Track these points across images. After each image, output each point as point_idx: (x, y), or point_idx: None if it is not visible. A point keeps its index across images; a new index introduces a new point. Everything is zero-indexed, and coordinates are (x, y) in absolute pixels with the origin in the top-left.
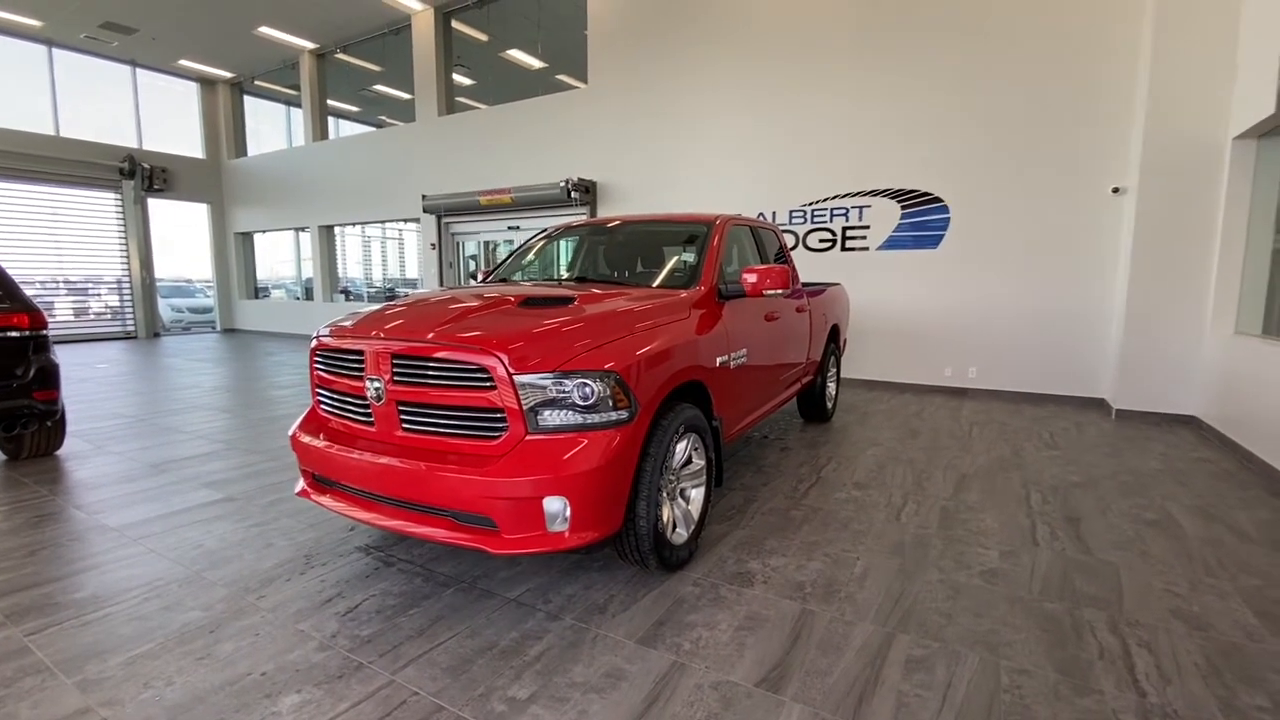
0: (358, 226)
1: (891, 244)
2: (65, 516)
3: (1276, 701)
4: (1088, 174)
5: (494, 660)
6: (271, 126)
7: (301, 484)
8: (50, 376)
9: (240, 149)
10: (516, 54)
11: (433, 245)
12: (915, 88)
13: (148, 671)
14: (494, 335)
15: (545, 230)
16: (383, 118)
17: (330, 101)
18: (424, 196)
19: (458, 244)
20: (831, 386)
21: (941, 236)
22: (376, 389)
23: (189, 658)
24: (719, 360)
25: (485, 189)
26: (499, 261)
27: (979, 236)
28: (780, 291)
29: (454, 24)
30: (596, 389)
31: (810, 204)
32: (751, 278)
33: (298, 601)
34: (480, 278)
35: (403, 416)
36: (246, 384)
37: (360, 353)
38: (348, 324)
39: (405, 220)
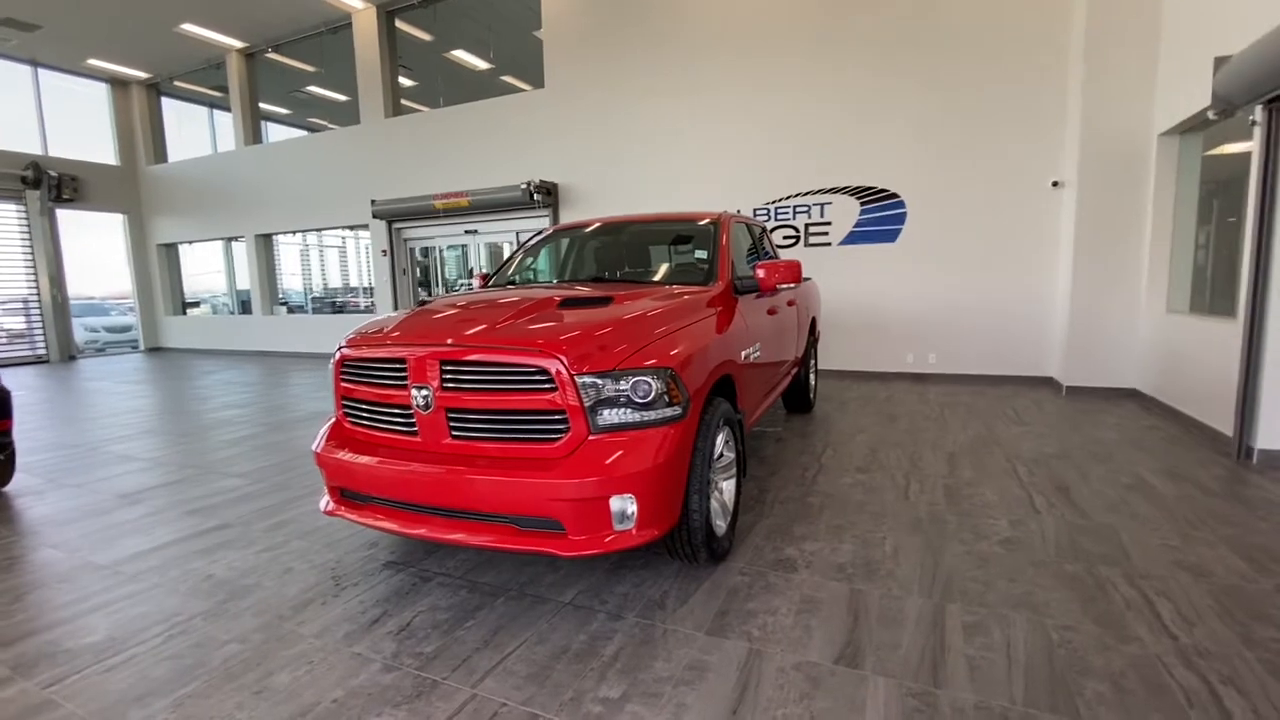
0: (297, 235)
1: (852, 239)
2: (41, 557)
3: None
4: (1030, 169)
5: (572, 663)
6: (192, 130)
7: (328, 502)
8: (3, 405)
9: (159, 154)
10: (461, 55)
11: (384, 252)
12: (870, 88)
13: (203, 712)
14: (551, 336)
15: (542, 231)
16: (314, 120)
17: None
18: (373, 201)
19: (410, 250)
20: (812, 377)
21: (899, 230)
22: (425, 397)
23: (244, 692)
24: (743, 355)
25: (440, 193)
26: (499, 265)
27: (933, 230)
28: (790, 285)
29: (398, 23)
30: (654, 386)
31: (773, 201)
32: (763, 272)
33: (342, 625)
34: (478, 282)
35: (452, 424)
36: (193, 405)
37: (402, 361)
38: (383, 332)
39: (352, 227)
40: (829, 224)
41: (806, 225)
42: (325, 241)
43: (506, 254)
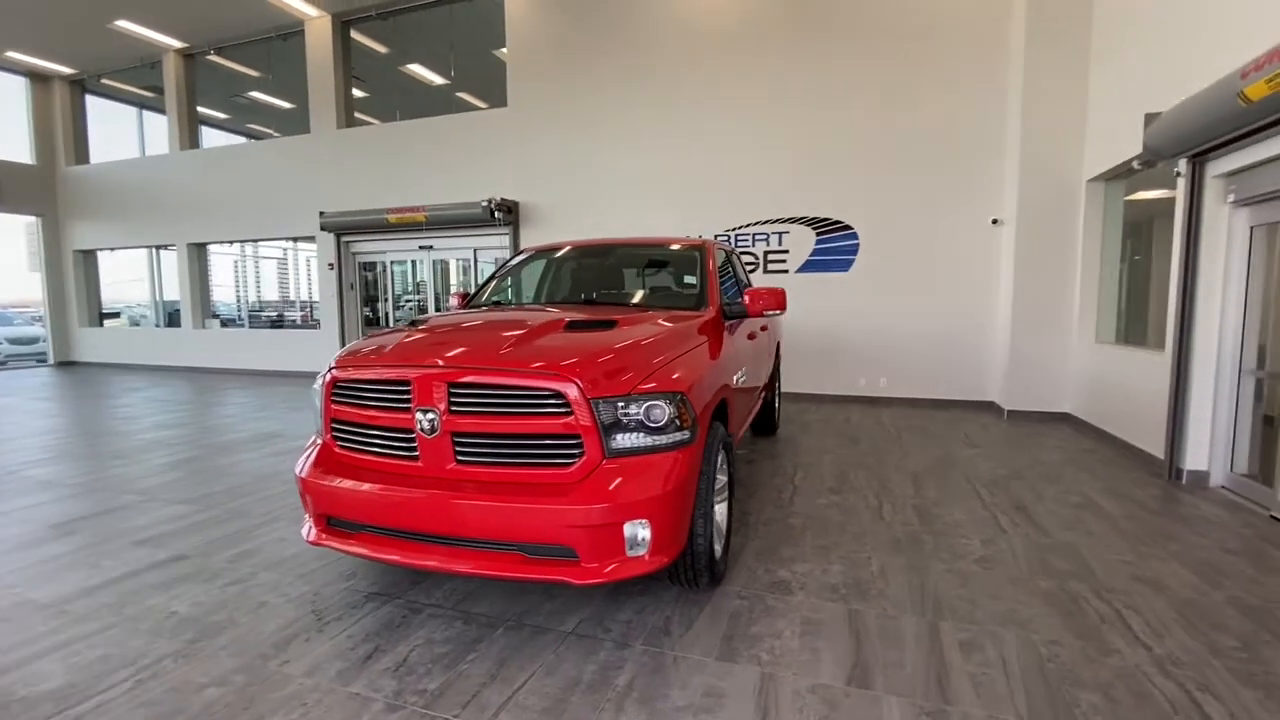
0: (231, 245)
1: (808, 267)
2: None
3: (1243, 641)
4: (972, 207)
5: (586, 695)
6: (113, 130)
7: (312, 530)
8: None
9: (81, 155)
10: (417, 69)
11: (331, 265)
12: (826, 125)
13: None
14: (565, 360)
15: (523, 251)
16: (254, 126)
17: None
18: (322, 213)
19: (359, 264)
20: (776, 400)
21: (852, 260)
22: (431, 420)
23: None
24: (734, 379)
25: (394, 207)
26: (481, 285)
27: (884, 261)
28: (776, 311)
29: (353, 34)
30: (667, 410)
31: (734, 229)
32: (750, 299)
33: (333, 662)
34: (456, 302)
35: (458, 448)
36: (120, 425)
37: (405, 383)
38: (381, 352)
39: (296, 239)
40: (786, 252)
41: (765, 253)
42: (262, 252)
43: (454, 271)
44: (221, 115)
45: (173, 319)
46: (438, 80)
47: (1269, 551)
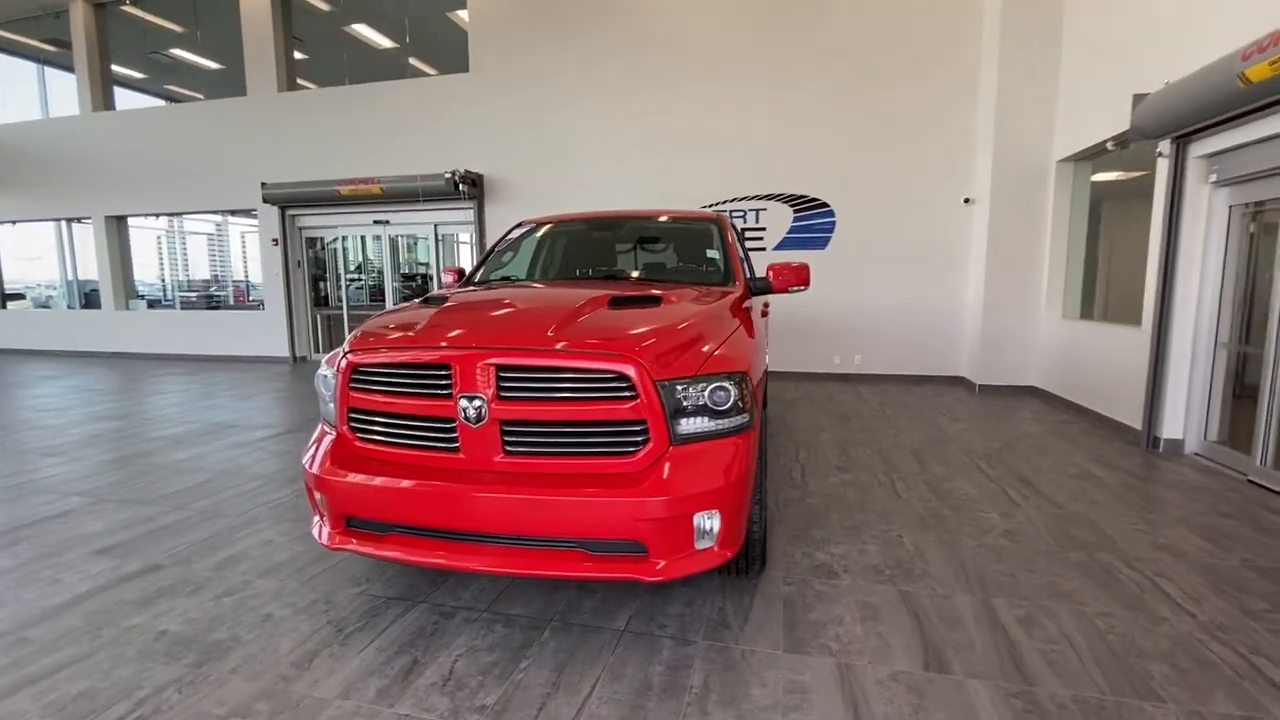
0: (154, 219)
1: (786, 244)
2: None
3: (1272, 603)
4: (945, 187)
5: (663, 699)
6: (15, 91)
7: (327, 532)
8: None
9: None
10: (363, 30)
11: (275, 241)
12: (803, 102)
13: None
14: (628, 339)
15: (520, 225)
16: (174, 88)
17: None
18: (264, 184)
19: (305, 240)
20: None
21: (829, 238)
22: (477, 408)
23: None
24: (765, 357)
25: (346, 178)
26: (479, 261)
27: (859, 239)
28: (800, 287)
29: None
30: (731, 392)
31: (711, 205)
32: (774, 274)
33: (369, 680)
34: (452, 278)
35: (506, 438)
36: (45, 418)
37: (445, 366)
38: (409, 333)
39: (232, 211)
40: (764, 229)
41: (743, 230)
42: (189, 227)
43: (403, 248)
44: (138, 74)
45: (89, 300)
46: (386, 43)
47: (1261, 514)
